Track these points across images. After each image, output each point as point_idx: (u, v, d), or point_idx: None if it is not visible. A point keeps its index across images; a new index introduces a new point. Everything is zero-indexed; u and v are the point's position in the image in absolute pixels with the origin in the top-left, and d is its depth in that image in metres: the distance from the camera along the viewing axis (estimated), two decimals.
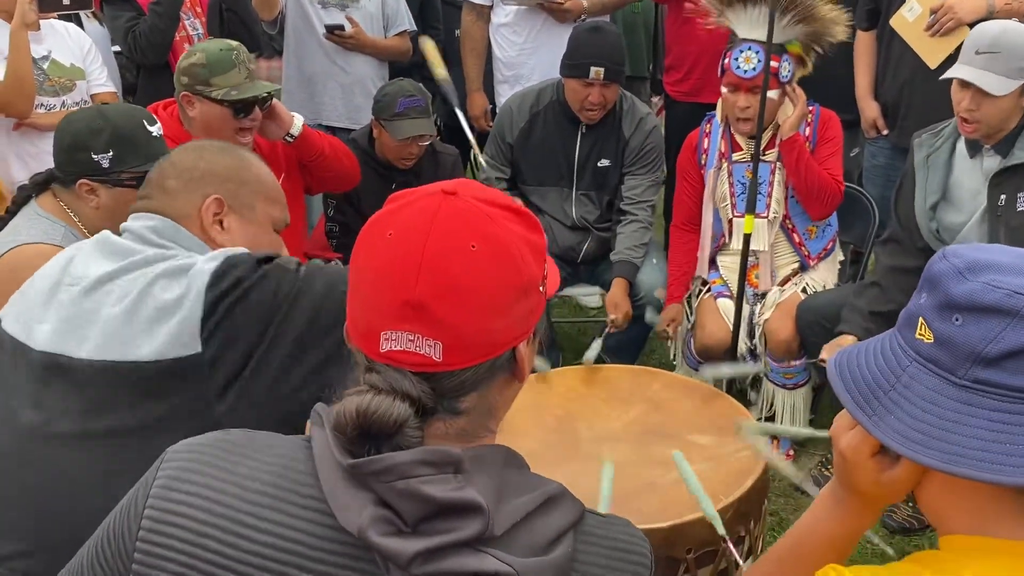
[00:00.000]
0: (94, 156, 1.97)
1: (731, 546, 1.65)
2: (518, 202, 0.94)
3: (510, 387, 0.94)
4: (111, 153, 1.98)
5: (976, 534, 0.84)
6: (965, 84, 2.40)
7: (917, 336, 0.86)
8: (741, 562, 1.70)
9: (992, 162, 2.52)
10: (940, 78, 2.61)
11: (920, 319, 0.86)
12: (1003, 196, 2.47)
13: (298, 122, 2.73)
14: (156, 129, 2.07)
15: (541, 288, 0.91)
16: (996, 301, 0.80)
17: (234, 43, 2.58)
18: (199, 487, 0.88)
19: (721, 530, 1.61)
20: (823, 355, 2.63)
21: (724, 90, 2.91)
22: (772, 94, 2.83)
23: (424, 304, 0.83)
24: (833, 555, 1.00)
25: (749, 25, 2.79)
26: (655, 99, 4.86)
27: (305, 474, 0.87)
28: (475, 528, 0.80)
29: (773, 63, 2.77)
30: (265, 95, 2.58)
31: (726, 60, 2.85)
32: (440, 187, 0.90)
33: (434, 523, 0.81)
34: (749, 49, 2.77)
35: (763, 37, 2.68)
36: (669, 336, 3.15)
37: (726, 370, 2.39)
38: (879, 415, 0.85)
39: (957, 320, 0.82)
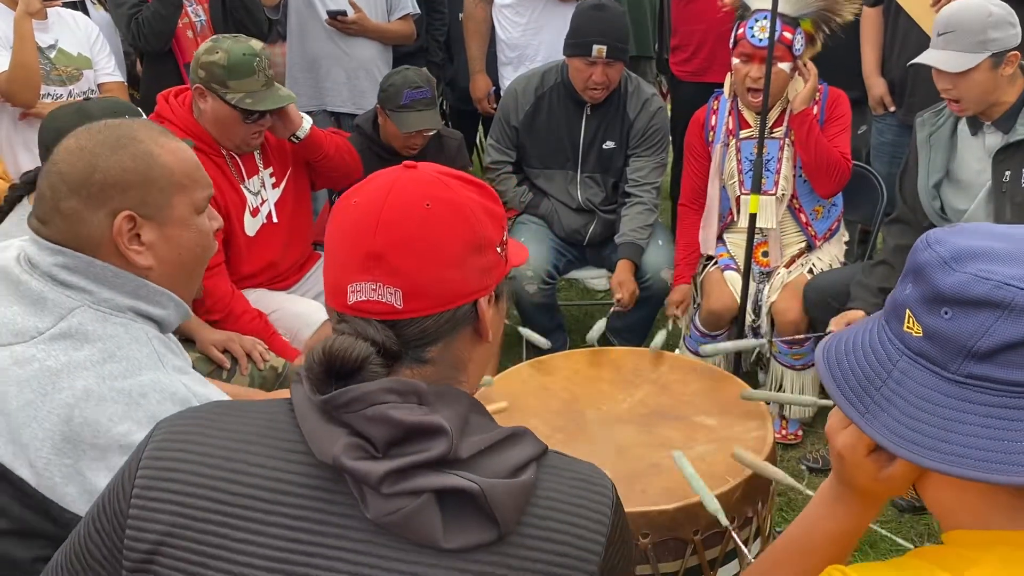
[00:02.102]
0: None
1: (736, 537, 1.66)
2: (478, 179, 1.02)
3: (478, 345, 1.00)
4: None
5: (979, 528, 0.82)
6: (938, 69, 2.46)
7: (905, 329, 0.83)
8: (747, 551, 1.70)
9: (994, 139, 2.52)
10: (907, 65, 2.67)
11: (907, 311, 0.83)
12: (1008, 172, 2.48)
13: (306, 125, 2.72)
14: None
15: (499, 250, 0.99)
16: (986, 293, 0.77)
17: (258, 47, 2.55)
18: (191, 443, 0.94)
19: (724, 522, 1.62)
20: (832, 328, 2.63)
21: (736, 61, 2.89)
22: (784, 66, 2.82)
23: (382, 254, 0.92)
24: (835, 552, 0.99)
25: None
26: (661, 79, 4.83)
27: (287, 423, 0.94)
28: (440, 448, 0.86)
29: (787, 34, 2.76)
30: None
31: (740, 30, 2.84)
32: (404, 164, 1.00)
33: (402, 447, 0.87)
34: (765, 19, 2.76)
35: (782, 8, 2.67)
36: (677, 317, 3.14)
37: (726, 346, 2.39)
38: (872, 413, 0.83)
39: (946, 313, 0.79)
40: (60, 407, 1.18)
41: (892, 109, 3.44)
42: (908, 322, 0.83)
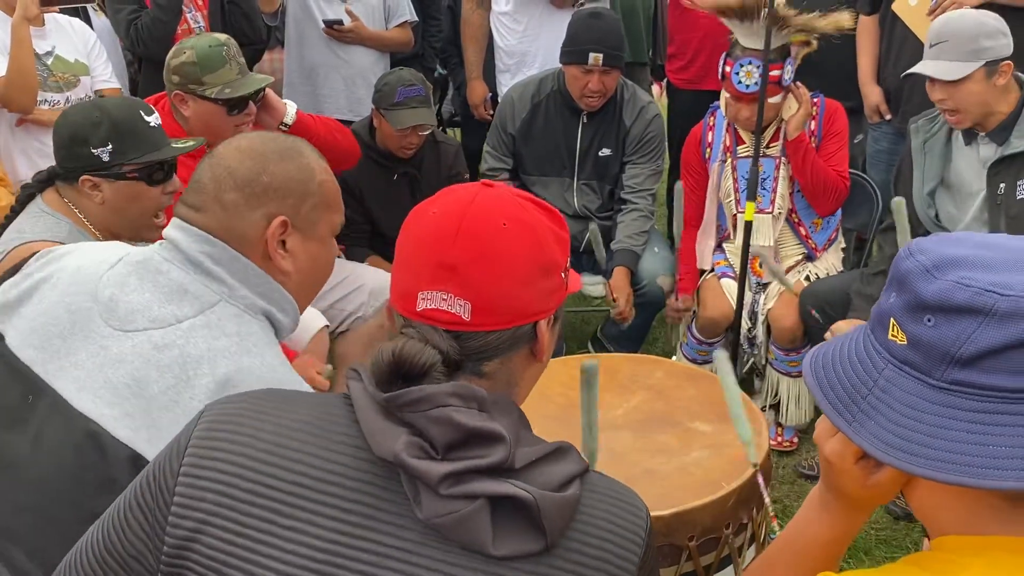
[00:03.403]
0: (93, 150, 1.96)
1: (761, 480, 1.65)
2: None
3: (531, 365, 1.03)
4: (110, 146, 1.96)
5: (966, 532, 0.83)
6: (932, 80, 2.48)
7: (890, 337, 0.84)
8: (767, 498, 1.66)
9: (988, 150, 2.53)
10: (902, 75, 2.68)
11: (891, 320, 0.84)
12: (1002, 185, 2.49)
13: (291, 110, 2.71)
14: (154, 119, 2.06)
15: (563, 275, 1.02)
16: (967, 300, 0.78)
17: (223, 37, 2.55)
18: (241, 427, 0.95)
19: (753, 457, 1.60)
20: (835, 328, 2.63)
21: (726, 95, 2.91)
22: (775, 99, 2.83)
23: (457, 266, 0.94)
24: (825, 556, 1.00)
25: (747, 35, 2.79)
26: (656, 87, 4.85)
27: (341, 416, 0.95)
28: (499, 455, 0.88)
29: (775, 72, 2.76)
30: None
31: (727, 68, 2.84)
32: (482, 181, 1.03)
33: (462, 450, 0.88)
34: (750, 64, 2.76)
35: (761, 47, 2.69)
36: (676, 321, 3.15)
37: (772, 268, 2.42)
38: (859, 421, 0.84)
39: (929, 321, 0.80)
40: (201, 393, 1.20)
41: (888, 117, 3.45)
42: (892, 330, 0.84)
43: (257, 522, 0.89)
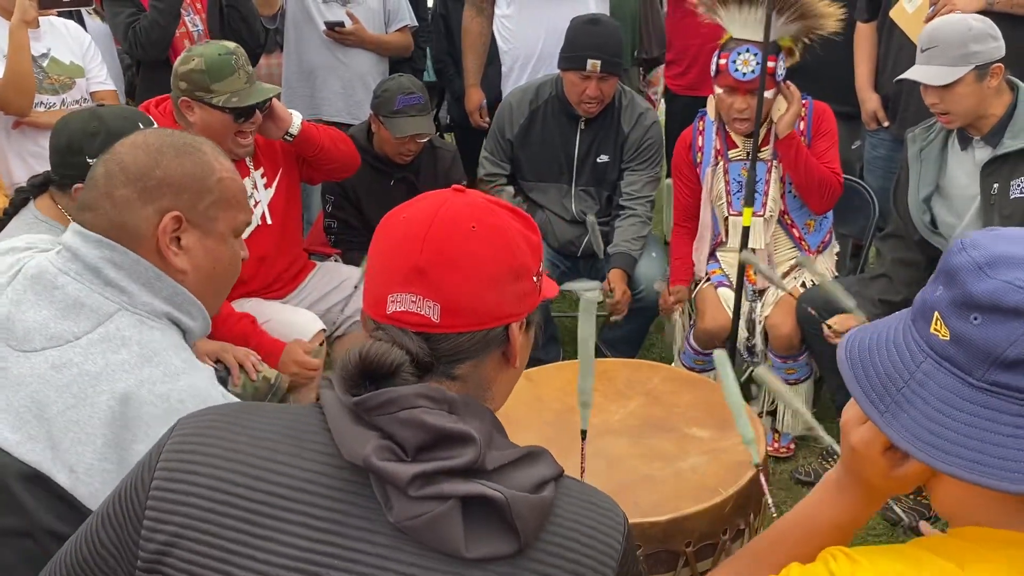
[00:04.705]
0: (88, 159, 1.95)
1: (763, 480, 1.63)
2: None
3: (504, 369, 1.02)
4: None
5: (988, 527, 0.82)
6: (925, 85, 2.51)
7: (932, 331, 0.83)
8: (769, 497, 1.61)
9: (983, 153, 2.55)
10: (894, 81, 2.71)
11: (936, 313, 0.82)
12: (996, 185, 2.51)
13: (296, 120, 2.71)
14: None
15: (535, 279, 1.01)
16: (1019, 303, 0.77)
17: (231, 45, 2.55)
18: (213, 438, 0.95)
19: (756, 458, 1.58)
20: (830, 326, 2.63)
21: (719, 91, 2.89)
22: (768, 94, 2.82)
23: (426, 269, 0.94)
24: (835, 538, 1.00)
25: (743, 25, 2.78)
26: (653, 91, 4.83)
27: (314, 425, 0.95)
28: (469, 456, 0.87)
29: (770, 64, 2.76)
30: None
31: (722, 61, 2.83)
32: (453, 188, 1.03)
33: (432, 452, 0.88)
34: (747, 51, 2.76)
35: (758, 37, 2.68)
36: (672, 312, 3.13)
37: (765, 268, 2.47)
38: (892, 412, 0.83)
39: (976, 319, 0.79)
40: (101, 411, 1.18)
41: (886, 124, 3.46)
42: (936, 324, 0.82)
43: (231, 533, 0.89)
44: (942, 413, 0.80)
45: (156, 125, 2.10)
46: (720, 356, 1.58)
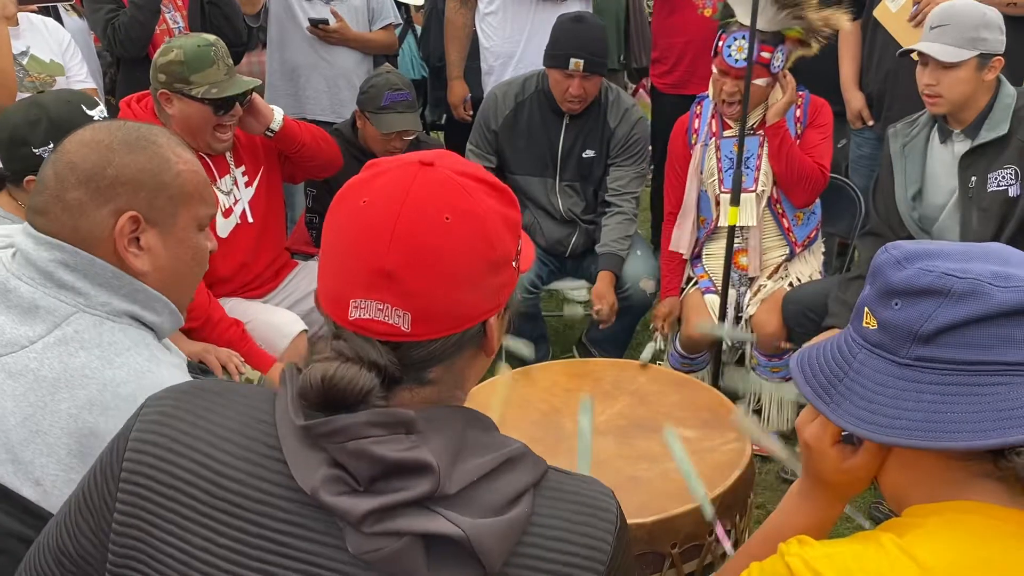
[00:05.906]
0: (35, 150, 1.90)
1: (721, 532, 1.64)
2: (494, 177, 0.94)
3: (478, 360, 0.94)
4: (51, 145, 1.87)
5: (930, 502, 0.90)
6: (924, 61, 2.51)
7: (864, 324, 0.93)
8: (731, 552, 1.69)
9: (962, 147, 2.56)
10: (897, 53, 2.72)
11: (865, 308, 0.93)
12: (973, 177, 2.52)
13: (278, 116, 2.69)
14: (97, 112, 1.99)
15: (514, 263, 0.91)
16: (929, 283, 0.87)
17: (211, 38, 2.53)
18: (175, 432, 0.90)
19: (709, 516, 1.60)
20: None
21: (714, 70, 2.91)
22: (761, 82, 2.83)
23: (394, 274, 0.83)
24: None
25: (747, 11, 2.78)
26: (639, 91, 4.84)
27: (269, 425, 0.88)
28: (425, 487, 0.80)
29: (765, 54, 2.77)
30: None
31: (720, 43, 2.85)
32: (418, 157, 0.89)
33: (386, 482, 0.81)
34: (743, 38, 2.77)
35: (761, 26, 2.68)
36: (663, 331, 3.13)
37: (722, 330, 2.43)
38: (836, 402, 0.92)
39: (896, 304, 0.89)
40: (63, 419, 1.12)
41: (870, 123, 3.46)
42: (866, 318, 0.93)
43: (196, 539, 0.86)
44: (876, 393, 0.89)
45: (102, 106, 2.03)
46: (670, 436, 1.70)
